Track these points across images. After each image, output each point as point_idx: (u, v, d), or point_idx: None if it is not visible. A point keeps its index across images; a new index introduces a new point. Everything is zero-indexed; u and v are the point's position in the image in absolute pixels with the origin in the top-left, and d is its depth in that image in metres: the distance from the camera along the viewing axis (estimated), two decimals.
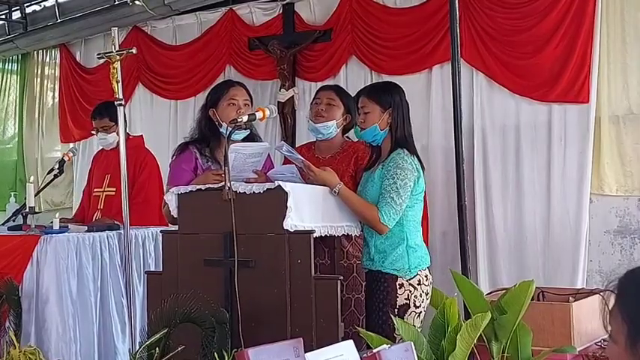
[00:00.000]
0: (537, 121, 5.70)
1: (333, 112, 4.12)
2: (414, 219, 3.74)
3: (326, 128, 4.12)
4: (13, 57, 9.20)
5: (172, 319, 3.35)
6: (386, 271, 3.67)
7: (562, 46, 5.55)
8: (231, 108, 3.93)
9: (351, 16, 6.54)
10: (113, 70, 4.43)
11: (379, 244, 3.70)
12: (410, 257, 3.67)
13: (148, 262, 4.85)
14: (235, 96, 3.99)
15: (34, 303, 4.35)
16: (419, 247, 3.74)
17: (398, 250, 3.67)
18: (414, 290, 3.65)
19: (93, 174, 5.56)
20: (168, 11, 7.36)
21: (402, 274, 3.66)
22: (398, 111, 3.76)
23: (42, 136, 8.97)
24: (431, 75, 6.16)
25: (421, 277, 3.69)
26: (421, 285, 3.68)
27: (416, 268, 3.68)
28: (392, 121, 3.75)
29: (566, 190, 5.56)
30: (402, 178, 3.61)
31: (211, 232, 3.52)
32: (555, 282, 5.27)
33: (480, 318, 3.08)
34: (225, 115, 3.93)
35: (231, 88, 4.04)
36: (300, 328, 3.31)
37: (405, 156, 3.68)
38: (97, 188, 5.36)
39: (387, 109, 3.75)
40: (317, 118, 4.14)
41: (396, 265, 3.67)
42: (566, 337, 3.91)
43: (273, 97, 6.88)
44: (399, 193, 3.60)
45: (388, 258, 3.67)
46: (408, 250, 3.68)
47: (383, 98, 3.78)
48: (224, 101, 3.99)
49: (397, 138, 3.74)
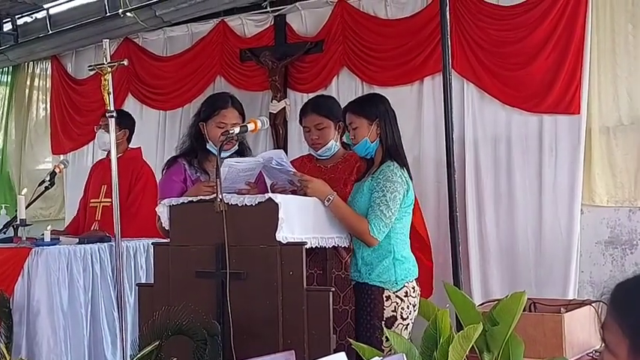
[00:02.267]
0: (528, 132, 5.71)
1: (326, 134, 4.09)
2: (402, 231, 3.75)
3: (328, 150, 4.12)
4: (4, 69, 9.19)
5: (164, 331, 3.34)
6: (373, 284, 3.67)
7: (553, 58, 5.57)
8: (219, 131, 3.89)
9: (342, 27, 6.55)
10: (104, 81, 4.43)
11: (366, 256, 3.71)
12: (397, 269, 3.68)
13: (139, 275, 4.83)
14: (225, 119, 3.96)
15: (25, 315, 4.34)
16: (406, 259, 3.74)
17: (385, 263, 3.67)
18: (401, 302, 3.65)
19: (90, 185, 5.57)
20: (160, 23, 7.37)
21: (389, 286, 3.66)
22: (385, 120, 3.76)
23: (32, 147, 8.95)
24: (422, 86, 6.18)
25: (408, 289, 3.69)
26: (408, 297, 3.68)
27: (403, 280, 3.68)
28: (381, 132, 3.75)
29: (557, 201, 5.57)
30: (392, 190, 3.61)
31: (203, 244, 3.52)
32: (547, 293, 5.27)
33: (471, 329, 3.07)
34: (212, 135, 3.93)
35: (222, 110, 3.99)
36: (292, 340, 3.30)
37: (394, 168, 3.68)
38: (93, 199, 5.36)
39: (374, 121, 3.75)
40: (315, 146, 4.13)
41: (383, 278, 3.67)
42: (557, 348, 3.91)
43: (264, 108, 6.88)
44: (389, 206, 3.60)
45: (375, 270, 3.68)
46: (395, 263, 3.68)
47: (368, 110, 3.78)
48: (213, 122, 3.97)
49: (388, 147, 3.74)
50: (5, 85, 9.27)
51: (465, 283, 5.37)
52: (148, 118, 7.74)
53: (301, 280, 3.33)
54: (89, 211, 5.40)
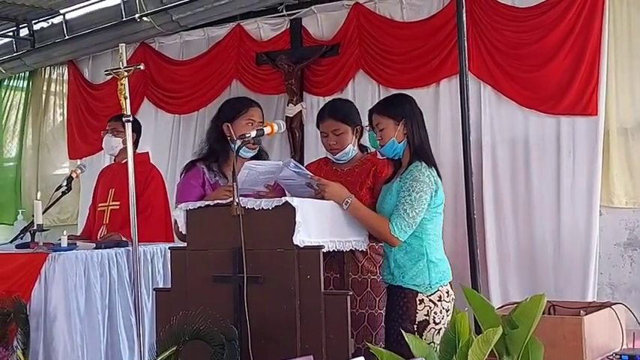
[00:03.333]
0: (546, 134, 5.68)
1: (343, 139, 4.07)
2: (434, 232, 3.69)
3: (345, 155, 4.10)
4: (21, 74, 9.25)
5: (181, 336, 3.33)
6: (406, 287, 3.62)
7: (570, 59, 5.54)
8: (248, 127, 3.91)
9: (358, 30, 6.55)
10: (121, 86, 4.42)
11: (399, 259, 3.66)
12: (431, 272, 3.63)
13: (157, 279, 4.82)
14: (253, 116, 4.01)
15: (42, 321, 4.32)
16: (440, 262, 3.69)
17: (418, 265, 3.62)
18: (434, 306, 3.60)
19: (98, 190, 5.56)
20: (176, 27, 7.39)
21: (423, 289, 3.61)
22: (412, 120, 3.72)
23: (49, 152, 8.99)
24: (439, 89, 6.17)
25: (442, 293, 3.64)
26: (442, 301, 3.63)
27: (437, 284, 3.63)
28: (407, 132, 3.72)
29: (575, 203, 5.53)
30: (418, 190, 3.57)
31: (220, 248, 3.51)
32: (566, 295, 5.24)
33: (491, 332, 3.04)
34: (240, 133, 3.92)
35: (250, 108, 4.05)
36: (309, 344, 3.28)
37: (422, 168, 3.64)
38: (101, 203, 5.36)
39: (400, 121, 3.72)
40: (332, 151, 4.11)
41: (417, 281, 3.62)
42: (577, 351, 3.87)
43: (280, 112, 6.89)
44: (413, 205, 3.56)
45: (408, 273, 3.63)
46: (429, 265, 3.63)
47: (393, 110, 3.75)
48: (242, 119, 3.99)
49: (415, 147, 3.71)
50: (22, 91, 9.34)
51: (483, 287, 5.35)
52: (161, 122, 7.77)
53: (318, 284, 3.31)
54: (97, 215, 5.38)
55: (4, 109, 9.49)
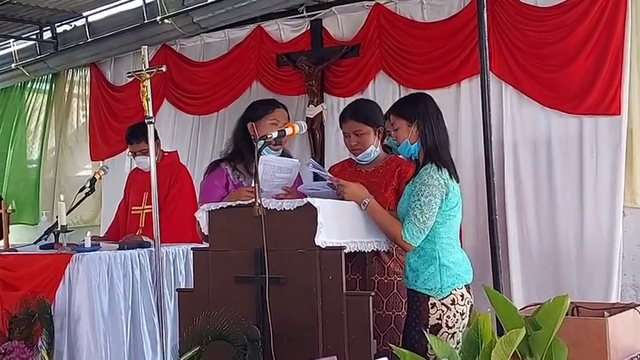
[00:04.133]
0: (568, 134, 5.65)
1: (365, 140, 4.05)
2: (447, 235, 3.64)
3: (367, 156, 4.08)
4: (44, 76, 9.33)
5: (204, 336, 3.34)
6: (419, 290, 3.60)
7: (592, 58, 5.51)
8: (272, 128, 3.92)
9: (378, 31, 6.55)
10: (143, 88, 4.45)
11: (412, 262, 3.65)
12: (443, 276, 3.58)
13: (179, 280, 4.85)
14: (278, 117, 4.04)
15: (66, 321, 4.37)
16: (454, 265, 3.63)
17: (430, 269, 3.59)
18: (447, 310, 3.56)
19: (130, 191, 5.62)
20: (197, 29, 7.42)
21: (434, 293, 3.57)
22: (425, 121, 3.67)
23: (72, 154, 9.06)
24: (460, 89, 6.15)
25: (456, 297, 3.58)
26: (455, 305, 3.58)
27: (449, 288, 3.58)
28: (420, 133, 3.69)
29: (598, 204, 5.50)
30: (427, 194, 3.54)
31: (242, 249, 3.52)
32: (589, 296, 5.21)
33: (514, 334, 3.03)
34: (263, 133, 3.93)
35: (277, 109, 4.09)
36: (332, 345, 3.28)
37: (431, 171, 3.60)
38: (135, 206, 5.41)
39: (413, 122, 3.68)
40: (354, 152, 4.10)
41: (428, 285, 3.59)
42: (601, 353, 3.85)
43: (301, 113, 6.90)
44: (423, 210, 3.53)
45: (420, 277, 3.61)
46: (441, 269, 3.59)
47: (406, 111, 3.72)
48: (267, 119, 4.02)
49: (428, 149, 3.67)
50: (45, 93, 9.42)
51: (506, 287, 5.32)
52: (181, 123, 7.81)
53: (340, 285, 3.31)
54: (131, 219, 5.45)
55: (27, 112, 9.57)
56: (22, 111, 9.61)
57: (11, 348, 4.19)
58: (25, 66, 8.96)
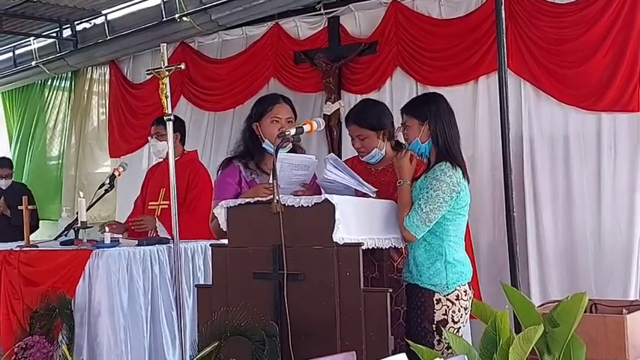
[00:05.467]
0: (586, 131, 5.63)
1: (368, 144, 4.08)
2: (455, 234, 3.70)
3: (372, 157, 4.11)
4: (64, 74, 9.40)
5: (223, 332, 3.37)
6: (423, 286, 3.65)
7: (611, 55, 5.48)
8: (274, 125, 3.93)
9: (396, 28, 6.54)
10: (162, 85, 4.47)
11: (417, 257, 3.69)
12: (448, 273, 3.64)
13: (197, 276, 4.88)
14: (278, 114, 3.98)
15: (86, 317, 4.40)
16: (458, 263, 3.69)
17: (436, 265, 3.64)
18: (452, 305, 3.62)
19: (147, 186, 5.67)
20: (215, 27, 7.45)
21: (440, 289, 3.63)
22: (436, 121, 3.72)
23: (92, 151, 9.13)
24: (477, 86, 6.13)
25: (460, 293, 3.65)
26: (459, 300, 3.64)
27: (454, 284, 3.64)
28: (432, 132, 3.72)
29: (616, 200, 5.48)
30: (436, 188, 3.59)
31: (260, 246, 3.54)
32: (607, 294, 5.19)
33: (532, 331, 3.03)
34: (267, 132, 3.94)
35: (275, 105, 4.02)
36: (349, 341, 3.30)
37: (445, 168, 3.64)
38: (152, 201, 5.47)
39: (424, 121, 3.72)
40: (360, 154, 4.15)
41: (434, 281, 3.64)
42: (620, 350, 3.85)
43: (318, 110, 6.91)
44: (428, 201, 3.58)
45: (426, 272, 3.65)
46: (447, 266, 3.64)
47: (418, 111, 3.77)
48: (267, 118, 3.99)
49: (440, 148, 3.71)
50: (65, 91, 9.49)
51: (523, 284, 5.31)
52: (196, 119, 7.83)
53: (358, 281, 3.33)
54: (147, 213, 5.50)
55: (48, 109, 9.65)
56: (42, 108, 9.70)
57: (32, 343, 4.23)
58: (45, 64, 9.04)
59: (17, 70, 9.52)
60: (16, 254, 4.76)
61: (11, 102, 10.14)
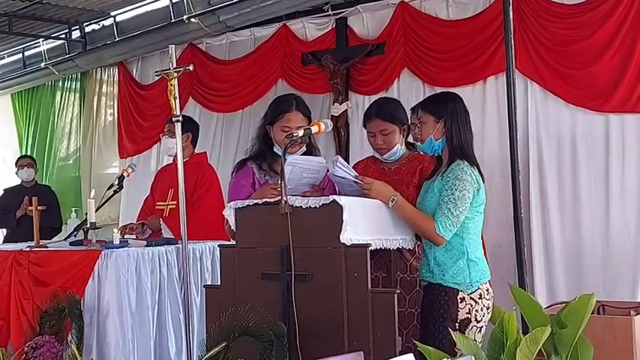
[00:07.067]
0: (594, 132, 5.63)
1: (391, 139, 4.06)
2: (474, 231, 3.69)
3: (393, 155, 4.10)
4: (73, 75, 9.44)
5: (231, 332, 3.38)
6: (447, 285, 3.62)
7: (619, 56, 5.48)
8: (283, 134, 3.88)
9: (403, 29, 6.55)
10: (170, 86, 4.48)
11: (439, 256, 3.66)
12: (471, 271, 3.63)
13: (205, 276, 4.89)
14: (289, 122, 3.93)
15: (95, 317, 4.42)
16: (480, 261, 3.69)
17: (459, 264, 3.62)
18: (475, 304, 3.60)
19: (157, 186, 5.70)
20: (223, 28, 7.47)
21: (464, 287, 3.61)
22: (452, 120, 3.71)
23: (101, 152, 9.16)
24: (485, 86, 6.14)
25: (482, 291, 3.63)
26: (482, 299, 3.63)
27: (477, 282, 3.63)
28: (447, 130, 3.72)
29: (624, 202, 5.47)
30: (461, 189, 3.57)
31: (268, 246, 3.55)
32: (615, 295, 5.18)
33: (539, 332, 3.04)
34: (278, 139, 3.93)
35: (286, 113, 3.96)
36: (357, 341, 3.30)
37: (464, 167, 3.64)
38: (160, 201, 5.50)
39: (440, 119, 3.71)
40: (380, 151, 4.11)
41: (457, 279, 3.62)
42: (628, 352, 3.85)
43: (326, 111, 6.92)
44: (457, 204, 3.56)
45: (449, 271, 3.63)
46: (469, 264, 3.63)
47: (435, 108, 3.75)
48: (278, 125, 3.96)
49: (453, 147, 3.70)
50: (75, 92, 9.53)
51: (530, 286, 5.31)
52: (205, 121, 7.84)
53: (366, 282, 3.34)
54: (156, 213, 5.53)
55: (58, 110, 9.69)
56: (53, 109, 9.73)
57: (42, 342, 4.25)
58: (55, 65, 9.07)
59: (27, 72, 9.55)
60: (26, 254, 4.79)
61: (20, 103, 10.19)
